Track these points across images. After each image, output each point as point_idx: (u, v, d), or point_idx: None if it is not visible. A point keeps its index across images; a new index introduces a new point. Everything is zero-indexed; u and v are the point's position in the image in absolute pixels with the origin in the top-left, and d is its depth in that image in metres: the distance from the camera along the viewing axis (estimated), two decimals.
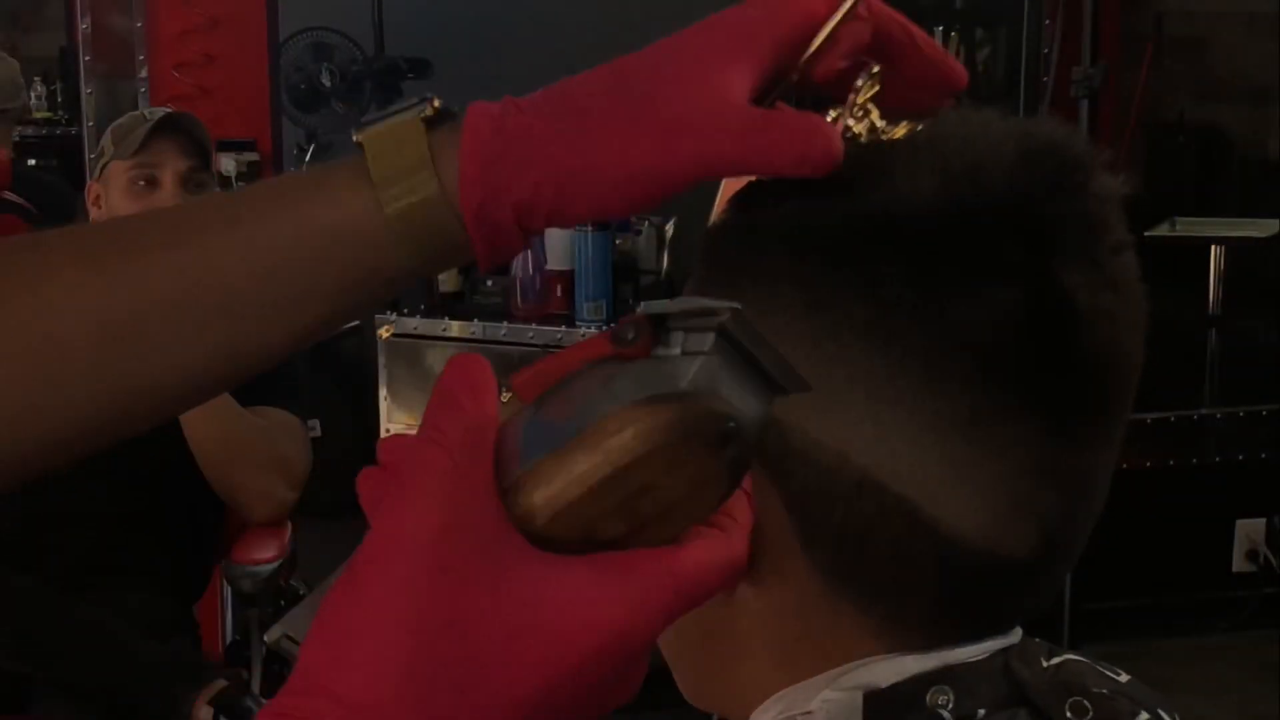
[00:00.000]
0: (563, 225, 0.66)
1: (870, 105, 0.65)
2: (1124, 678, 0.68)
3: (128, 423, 0.70)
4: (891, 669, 0.64)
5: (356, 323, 3.49)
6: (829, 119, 0.64)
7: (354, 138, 0.67)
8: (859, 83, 0.65)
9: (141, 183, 2.67)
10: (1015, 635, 0.67)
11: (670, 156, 0.62)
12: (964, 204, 0.62)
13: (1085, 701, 0.64)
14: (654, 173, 0.62)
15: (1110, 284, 0.63)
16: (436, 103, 0.66)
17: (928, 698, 0.63)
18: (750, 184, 0.68)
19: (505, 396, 0.55)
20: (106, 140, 2.72)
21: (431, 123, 0.65)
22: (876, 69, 0.65)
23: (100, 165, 2.72)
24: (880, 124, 0.65)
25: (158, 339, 0.67)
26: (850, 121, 0.64)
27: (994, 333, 0.61)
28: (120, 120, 2.79)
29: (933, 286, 0.62)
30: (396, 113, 0.66)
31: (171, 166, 2.67)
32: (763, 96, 0.64)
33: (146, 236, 0.68)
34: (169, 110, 2.75)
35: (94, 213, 2.76)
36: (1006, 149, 0.63)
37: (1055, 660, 0.66)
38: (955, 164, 0.63)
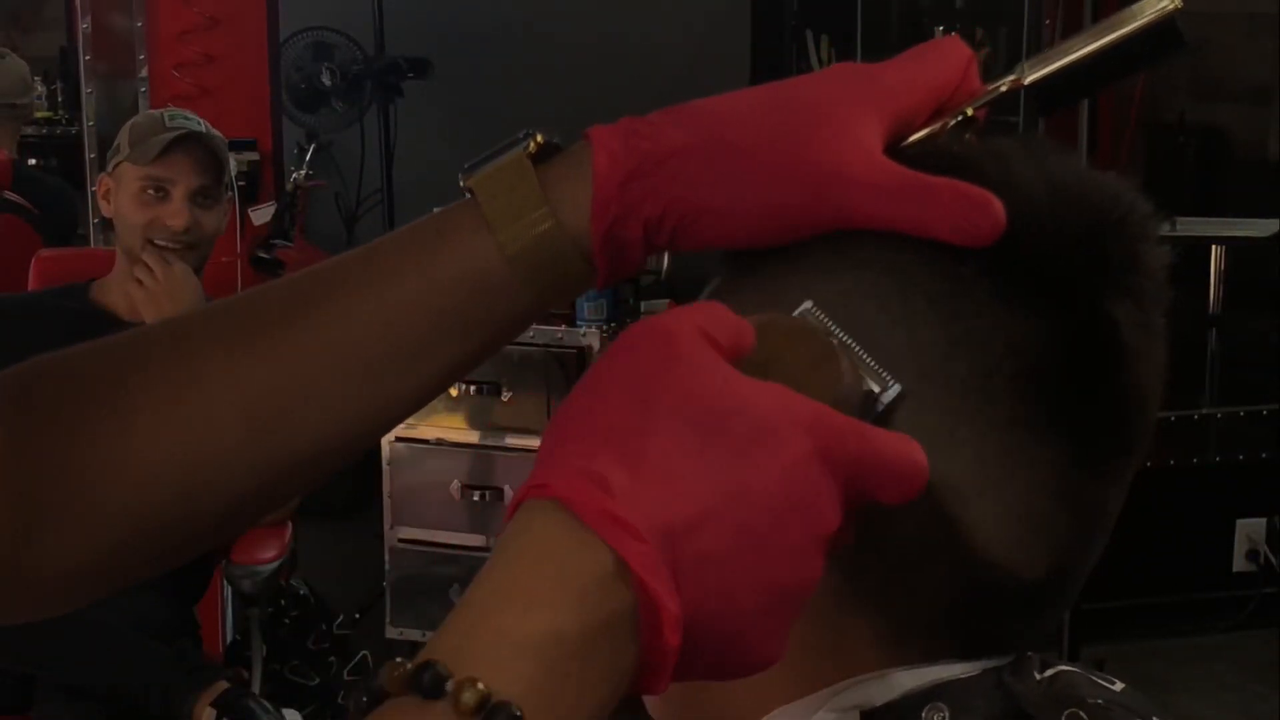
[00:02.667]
0: (683, 248, 0.67)
1: (960, 134, 0.68)
2: (1118, 686, 0.68)
3: (285, 487, 0.72)
4: (886, 686, 0.64)
5: None
6: (914, 137, 0.66)
7: (462, 183, 0.68)
8: (950, 120, 0.67)
9: (151, 191, 2.66)
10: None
11: (815, 204, 0.63)
12: (1057, 222, 0.63)
13: (1081, 713, 0.64)
14: (793, 216, 0.64)
15: (1151, 330, 0.65)
16: (540, 137, 0.67)
17: (923, 714, 0.63)
18: None
19: None
20: (123, 137, 2.71)
21: (537, 157, 0.67)
22: (971, 111, 0.68)
23: (114, 162, 2.71)
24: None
25: (303, 410, 0.69)
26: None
27: (1044, 349, 0.63)
28: (138, 119, 2.78)
29: (1002, 288, 0.63)
30: (499, 152, 0.68)
31: (184, 182, 2.66)
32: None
33: (277, 310, 0.70)
34: (188, 122, 2.72)
35: (103, 206, 2.76)
36: (1099, 186, 0.65)
37: (1049, 673, 0.67)
38: (1056, 184, 0.64)
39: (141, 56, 3.96)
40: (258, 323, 0.70)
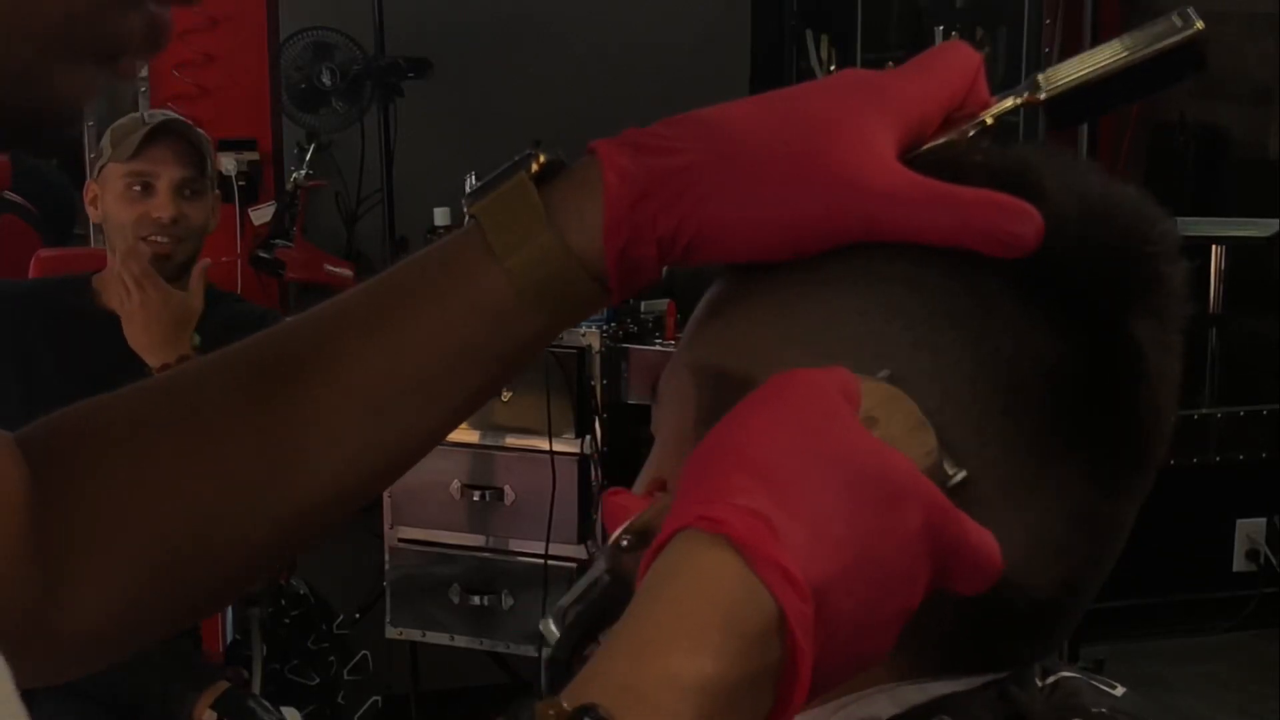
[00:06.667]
0: (695, 264, 0.66)
1: (977, 143, 0.67)
2: (1119, 691, 0.68)
3: (304, 533, 0.71)
4: (890, 700, 0.64)
5: None
6: (929, 145, 0.66)
7: (466, 209, 0.67)
8: (969, 130, 0.66)
9: (137, 188, 2.66)
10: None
11: (834, 217, 0.62)
12: (1084, 239, 0.63)
13: None
14: (811, 230, 0.63)
15: (1172, 350, 0.65)
16: (542, 156, 0.66)
17: None
18: None
19: None
20: (106, 141, 2.72)
21: (541, 177, 0.66)
22: (990, 120, 0.67)
23: (99, 166, 2.72)
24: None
25: (321, 455, 0.68)
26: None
27: (1068, 370, 0.62)
28: (120, 121, 2.79)
29: (1028, 306, 0.62)
30: (502, 175, 0.66)
31: (167, 174, 2.67)
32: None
33: (289, 357, 0.69)
34: (167, 115, 2.74)
35: (91, 212, 2.76)
36: (1126, 203, 0.65)
37: (1050, 680, 0.66)
38: (1086, 200, 0.64)
39: None
40: (270, 370, 0.69)
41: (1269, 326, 4.44)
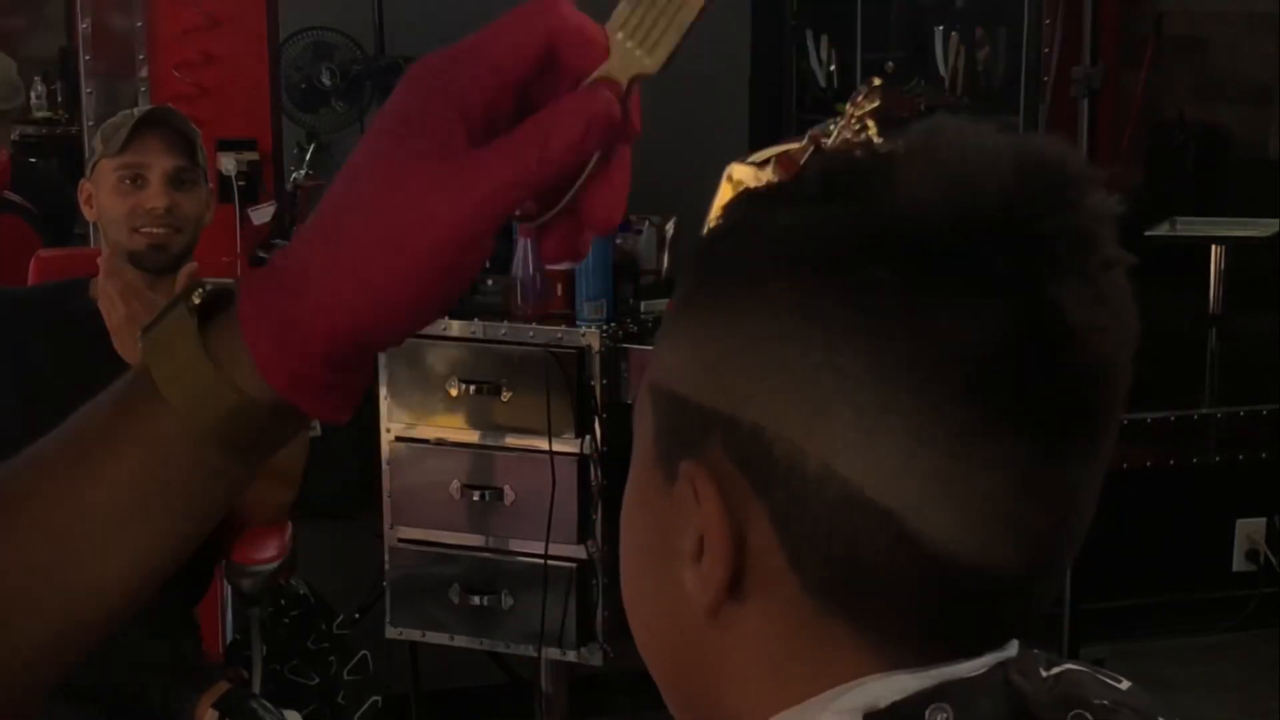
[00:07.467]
0: (374, 350, 0.65)
1: (868, 120, 0.66)
2: (1124, 685, 0.68)
3: (24, 677, 0.69)
4: (889, 688, 0.64)
5: None
6: (826, 132, 0.65)
7: (139, 343, 0.67)
8: (858, 97, 0.66)
9: (128, 181, 2.66)
10: (1012, 648, 0.67)
11: (443, 247, 0.62)
12: (957, 216, 0.61)
13: (1087, 714, 0.64)
14: (432, 273, 0.62)
15: (1100, 299, 0.62)
16: (207, 286, 0.66)
17: (926, 716, 0.63)
18: (744, 192, 0.68)
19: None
20: (97, 139, 2.72)
21: (206, 312, 0.65)
22: (878, 83, 0.66)
23: (91, 164, 2.72)
24: (876, 137, 0.66)
25: (32, 593, 0.67)
26: (848, 134, 0.65)
27: (983, 347, 0.61)
28: (111, 119, 2.79)
29: (924, 297, 0.61)
30: (170, 308, 0.66)
31: (159, 165, 2.66)
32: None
33: (4, 496, 0.68)
34: (153, 105, 2.74)
35: (86, 212, 2.76)
36: (1003, 163, 0.62)
37: (1055, 671, 0.66)
38: (951, 176, 0.62)
39: (141, 56, 3.96)
40: None
41: (1269, 326, 4.43)
